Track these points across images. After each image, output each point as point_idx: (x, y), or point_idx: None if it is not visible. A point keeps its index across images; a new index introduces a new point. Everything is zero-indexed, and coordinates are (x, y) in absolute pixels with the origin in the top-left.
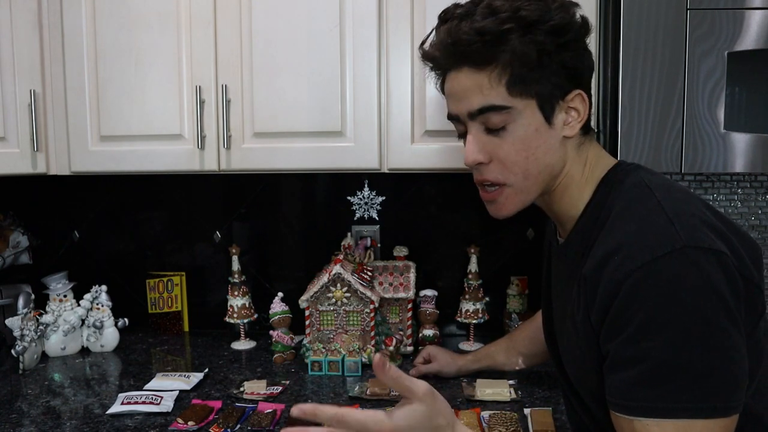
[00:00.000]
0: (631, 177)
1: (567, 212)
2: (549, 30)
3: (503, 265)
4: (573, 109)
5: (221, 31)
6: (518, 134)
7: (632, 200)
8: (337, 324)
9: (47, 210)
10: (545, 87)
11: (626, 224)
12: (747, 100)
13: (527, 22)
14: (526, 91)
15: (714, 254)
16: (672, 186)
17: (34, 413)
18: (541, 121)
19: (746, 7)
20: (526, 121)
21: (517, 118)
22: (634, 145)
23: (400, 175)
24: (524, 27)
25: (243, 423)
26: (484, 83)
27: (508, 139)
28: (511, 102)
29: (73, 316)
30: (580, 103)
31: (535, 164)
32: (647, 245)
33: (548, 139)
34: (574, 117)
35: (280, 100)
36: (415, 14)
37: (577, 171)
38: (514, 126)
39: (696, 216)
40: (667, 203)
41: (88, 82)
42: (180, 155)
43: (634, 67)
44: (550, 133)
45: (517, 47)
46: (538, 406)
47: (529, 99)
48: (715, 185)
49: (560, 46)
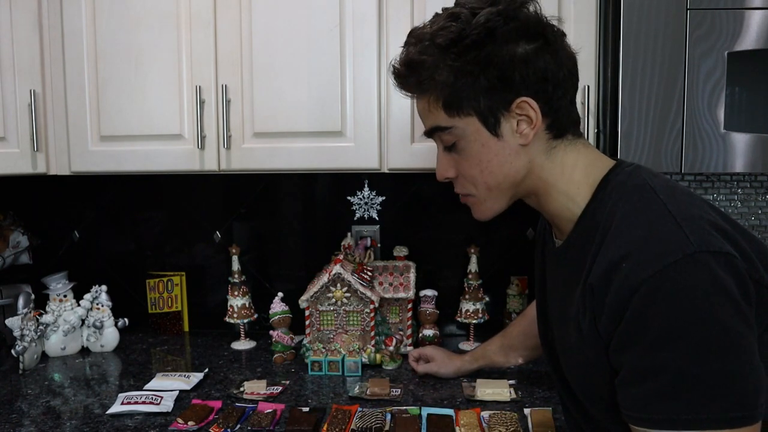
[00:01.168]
0: (633, 179)
1: (561, 214)
2: (464, 50)
3: (503, 265)
4: (524, 116)
5: (221, 31)
6: (468, 151)
7: (636, 204)
8: (337, 324)
9: (47, 210)
10: (480, 103)
11: (633, 230)
12: (747, 100)
13: (441, 48)
14: (462, 110)
15: (724, 257)
16: (675, 188)
17: (34, 413)
18: (487, 135)
19: (746, 7)
20: (472, 137)
21: (462, 136)
22: (634, 145)
23: (400, 175)
24: (440, 53)
25: (243, 423)
26: (426, 108)
27: (462, 155)
28: (452, 122)
29: (73, 316)
30: (529, 109)
31: (491, 177)
32: (657, 252)
33: (500, 151)
34: (526, 125)
35: (280, 100)
36: (415, 14)
37: (552, 176)
38: (463, 143)
39: (703, 219)
40: (673, 206)
41: (88, 82)
42: (180, 155)
43: (634, 67)
44: (500, 145)
45: (437, 75)
46: (538, 406)
47: (469, 116)
48: (715, 185)
49: (481, 62)
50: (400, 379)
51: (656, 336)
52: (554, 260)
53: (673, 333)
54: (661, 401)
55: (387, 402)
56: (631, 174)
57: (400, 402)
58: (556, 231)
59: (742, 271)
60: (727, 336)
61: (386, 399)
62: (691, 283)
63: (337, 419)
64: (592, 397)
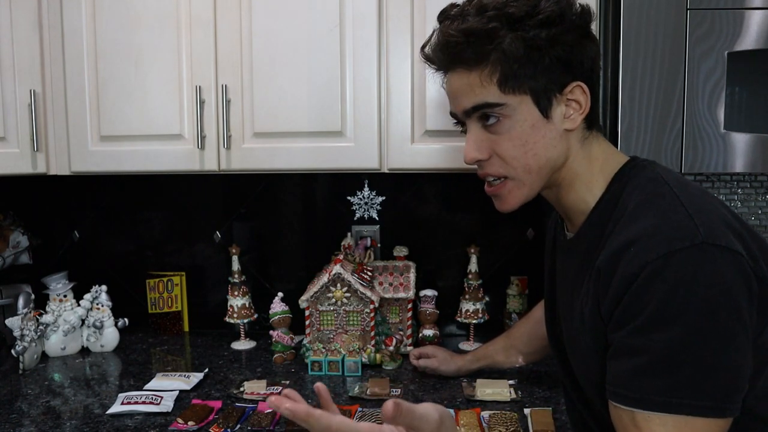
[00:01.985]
0: (647, 172)
1: (576, 206)
2: (537, 24)
3: (503, 265)
4: (573, 101)
5: (221, 31)
6: (515, 130)
7: (650, 194)
8: (337, 324)
9: (47, 210)
10: (539, 82)
11: (645, 218)
12: (747, 100)
13: (514, 19)
14: (519, 87)
15: (731, 254)
16: (689, 183)
17: (34, 413)
18: (538, 116)
19: (746, 7)
20: (522, 117)
21: (512, 114)
22: (634, 145)
23: (400, 175)
24: (510, 24)
25: (243, 423)
26: (476, 83)
27: (505, 135)
28: (504, 99)
29: (73, 316)
30: (581, 94)
31: (535, 159)
32: (665, 238)
33: (547, 134)
34: (575, 109)
35: (280, 100)
36: (415, 14)
37: (581, 166)
38: (511, 122)
39: (714, 213)
40: (686, 199)
41: (88, 82)
42: (180, 155)
43: (634, 67)
44: (548, 128)
45: (505, 45)
46: (538, 406)
47: (523, 95)
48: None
49: (551, 39)
50: (400, 379)
51: (648, 317)
52: (565, 252)
53: (666, 316)
54: (642, 379)
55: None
56: (645, 168)
57: None
58: (567, 224)
59: (747, 269)
60: (716, 330)
61: (386, 399)
62: (693, 272)
63: None
64: (595, 387)
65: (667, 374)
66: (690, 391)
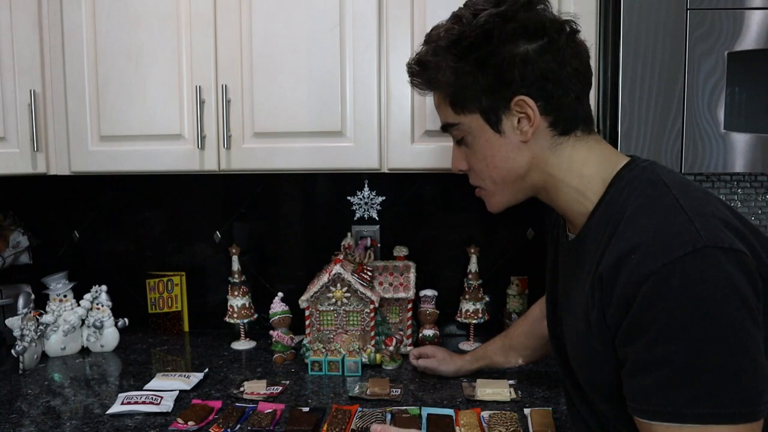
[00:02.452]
0: (647, 173)
1: (571, 208)
2: (463, 51)
3: (503, 265)
4: (523, 114)
5: (221, 31)
6: (475, 146)
7: (649, 197)
8: (337, 324)
9: (47, 210)
10: (482, 101)
11: (644, 222)
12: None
13: (443, 50)
14: (467, 107)
15: (734, 254)
16: (690, 185)
17: (34, 413)
18: (490, 132)
19: (746, 7)
20: (476, 134)
21: (469, 132)
22: (634, 145)
23: (400, 175)
24: (442, 54)
25: (243, 423)
26: (438, 103)
27: (470, 150)
28: (458, 119)
29: (73, 316)
30: (526, 107)
31: (496, 171)
32: (667, 245)
33: (502, 147)
34: (526, 122)
35: (280, 100)
36: (415, 14)
37: (560, 171)
38: (470, 138)
39: (715, 215)
40: (686, 202)
41: (88, 82)
42: (180, 155)
43: (634, 67)
44: (502, 141)
45: (440, 76)
46: (538, 406)
47: (473, 114)
48: (715, 185)
49: (479, 63)
50: (400, 379)
51: (661, 328)
52: (566, 253)
53: (679, 326)
54: (663, 393)
55: (387, 402)
56: (645, 169)
57: (400, 402)
58: (569, 225)
59: (751, 268)
60: (732, 332)
61: (386, 399)
62: (699, 277)
63: (337, 419)
64: (598, 390)
65: (691, 384)
66: (721, 398)
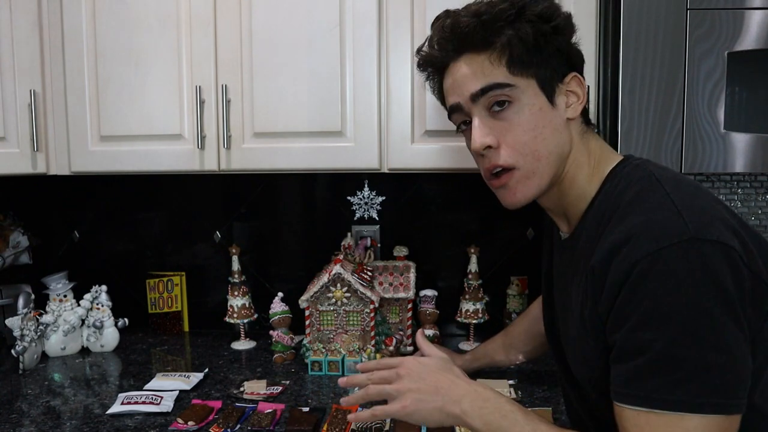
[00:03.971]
0: (640, 170)
1: (575, 205)
2: (540, 13)
3: (503, 265)
4: (572, 93)
5: (221, 31)
6: (524, 114)
7: (640, 192)
8: (337, 324)
9: (47, 210)
10: (544, 68)
11: (634, 216)
12: (747, 100)
13: (521, 5)
14: (526, 70)
15: (721, 247)
16: (682, 179)
17: (34, 413)
18: (544, 101)
19: (746, 7)
20: (530, 101)
21: (520, 97)
22: (634, 145)
23: (400, 175)
24: (519, 9)
25: (243, 423)
26: (485, 65)
27: (514, 119)
28: (514, 80)
29: (73, 316)
30: (578, 86)
31: (544, 144)
32: (654, 235)
33: (553, 119)
34: (575, 100)
35: (280, 100)
36: (415, 14)
37: (583, 159)
38: (519, 105)
39: (706, 210)
40: (676, 196)
41: (88, 82)
42: (180, 155)
43: (634, 67)
44: (554, 113)
45: (515, 28)
46: (538, 406)
47: (530, 79)
48: (715, 185)
49: (555, 29)
50: None
51: (642, 316)
52: (561, 253)
53: (658, 315)
54: (637, 379)
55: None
56: (638, 166)
57: None
58: (561, 225)
59: (739, 263)
60: (710, 325)
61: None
62: (682, 268)
63: (337, 419)
64: (596, 387)
65: (667, 372)
66: (692, 388)
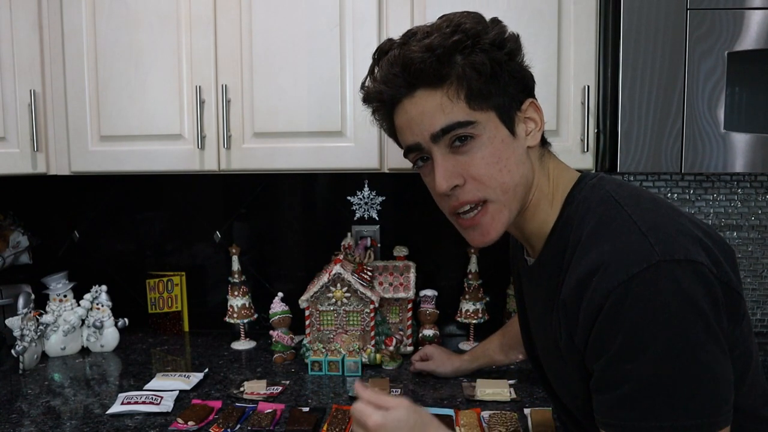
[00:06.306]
0: (597, 192)
1: (538, 230)
2: (493, 41)
3: (503, 265)
4: (530, 119)
5: (221, 31)
6: (487, 148)
7: (602, 218)
8: (337, 324)
9: (47, 210)
10: (502, 98)
11: (600, 244)
12: (747, 100)
13: (473, 33)
14: (486, 103)
15: (690, 265)
16: (640, 196)
17: (34, 413)
18: (506, 133)
19: (746, 7)
20: (492, 134)
21: (482, 133)
22: (634, 145)
23: (400, 175)
24: (472, 38)
25: (243, 423)
26: (444, 101)
27: (477, 154)
28: (474, 116)
29: (73, 316)
30: (535, 111)
31: (509, 176)
32: (623, 263)
33: (515, 150)
34: (533, 126)
35: (280, 100)
36: (415, 14)
37: (544, 184)
38: (481, 140)
39: (669, 226)
40: (639, 217)
41: (88, 82)
42: (180, 155)
43: (634, 67)
44: (516, 144)
45: (470, 59)
46: (538, 406)
47: (490, 111)
48: (715, 185)
49: (508, 55)
50: (400, 379)
51: (620, 347)
52: (529, 277)
53: (636, 344)
54: (623, 408)
55: None
56: (594, 187)
57: None
58: (528, 249)
59: (709, 278)
60: (688, 346)
61: None
62: (653, 292)
63: (337, 419)
64: (580, 409)
65: (650, 399)
66: (677, 413)
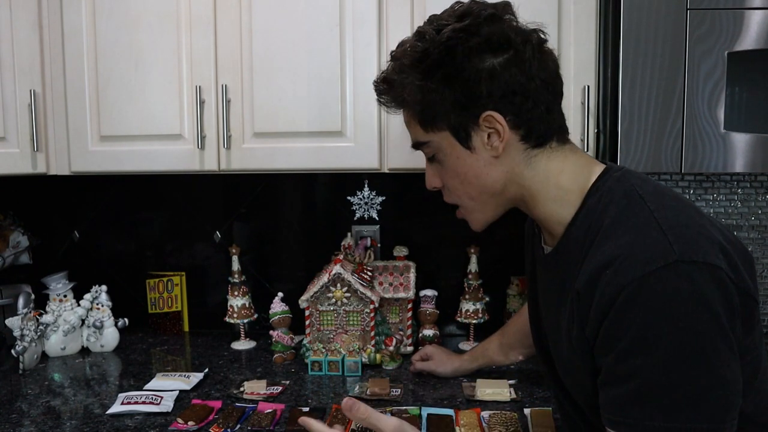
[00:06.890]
0: (622, 185)
1: (550, 219)
2: (429, 68)
3: (503, 265)
4: (492, 129)
5: (221, 31)
6: (446, 163)
7: (623, 211)
8: (337, 324)
9: (47, 210)
10: (450, 118)
11: (618, 237)
12: (747, 100)
13: (408, 68)
14: (436, 125)
15: (708, 268)
16: (665, 194)
17: (34, 413)
18: (460, 148)
19: (746, 7)
20: (448, 151)
21: (439, 149)
22: (634, 145)
23: (400, 175)
24: (407, 73)
25: (243, 423)
26: (409, 122)
27: (442, 167)
28: (428, 137)
29: (73, 316)
30: (496, 122)
31: (470, 187)
32: (639, 259)
33: (474, 164)
34: (496, 137)
35: (280, 100)
36: (415, 14)
37: (536, 183)
38: (441, 156)
39: (690, 227)
40: (661, 214)
41: (88, 82)
42: (180, 155)
43: (634, 67)
44: (474, 158)
45: (408, 91)
46: (538, 406)
47: (443, 131)
48: (715, 185)
49: (444, 80)
50: (400, 379)
51: (631, 342)
52: (544, 267)
53: (648, 341)
54: (631, 406)
55: (387, 402)
56: (619, 180)
57: (400, 402)
58: (546, 236)
59: (726, 282)
60: (700, 348)
61: (386, 399)
62: (669, 292)
63: (337, 419)
64: (587, 401)
65: (658, 399)
66: (684, 414)
